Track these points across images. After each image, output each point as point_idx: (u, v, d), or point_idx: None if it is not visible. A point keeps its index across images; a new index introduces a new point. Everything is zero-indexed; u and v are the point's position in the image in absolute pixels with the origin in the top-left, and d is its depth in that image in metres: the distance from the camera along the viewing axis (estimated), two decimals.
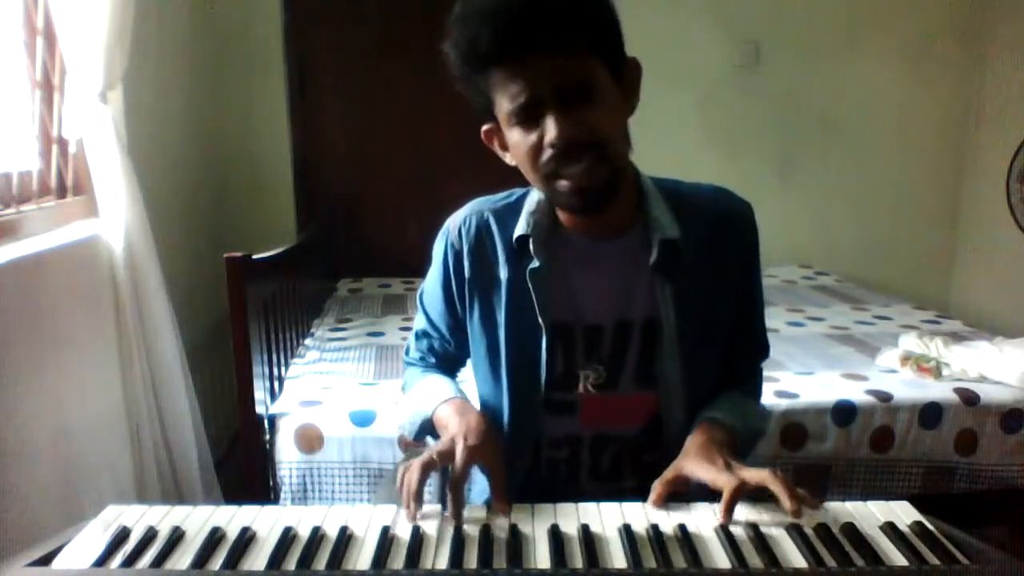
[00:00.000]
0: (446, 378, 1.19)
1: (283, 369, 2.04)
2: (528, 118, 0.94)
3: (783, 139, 3.42)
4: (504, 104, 0.95)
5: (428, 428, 1.11)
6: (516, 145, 0.98)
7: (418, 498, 0.87)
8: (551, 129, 0.92)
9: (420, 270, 3.60)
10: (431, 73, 3.35)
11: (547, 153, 0.94)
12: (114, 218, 1.83)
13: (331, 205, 3.25)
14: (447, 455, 0.93)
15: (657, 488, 0.91)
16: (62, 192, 1.89)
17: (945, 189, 3.54)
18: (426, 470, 0.90)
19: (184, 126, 2.69)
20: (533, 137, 0.95)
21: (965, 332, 2.42)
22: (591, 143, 0.93)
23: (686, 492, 0.92)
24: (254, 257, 1.79)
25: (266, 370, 1.85)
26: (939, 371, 1.97)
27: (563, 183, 0.96)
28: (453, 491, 0.87)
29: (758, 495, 0.89)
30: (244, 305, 1.69)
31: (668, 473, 0.93)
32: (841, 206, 3.48)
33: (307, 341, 2.37)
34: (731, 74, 3.29)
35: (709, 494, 0.90)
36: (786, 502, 0.84)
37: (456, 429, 0.98)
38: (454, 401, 1.08)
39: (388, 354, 2.21)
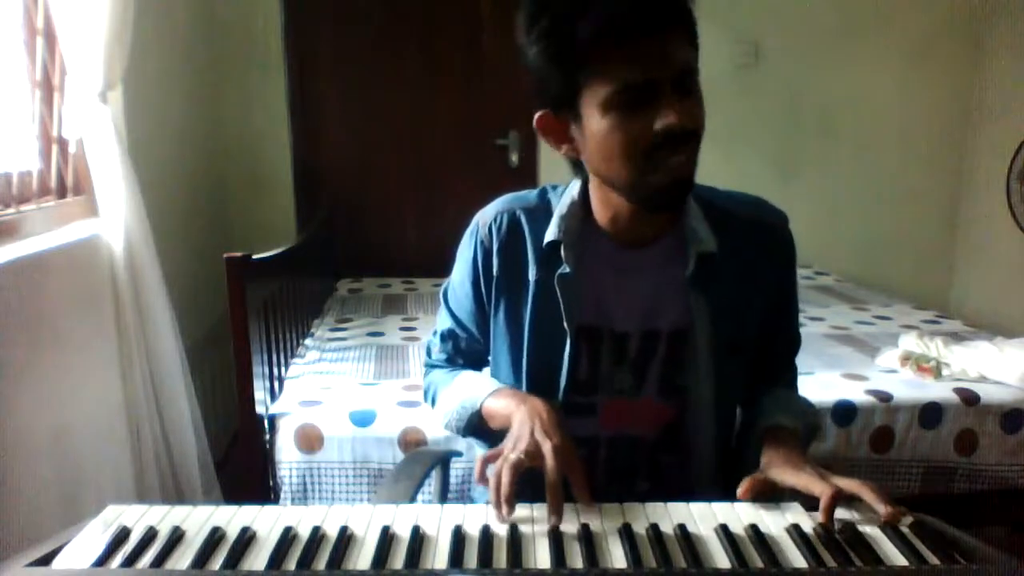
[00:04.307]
0: (483, 374, 1.18)
1: (283, 369, 2.04)
2: (634, 103, 0.89)
3: (783, 139, 3.42)
4: (604, 89, 0.89)
5: (475, 422, 1.09)
6: (607, 133, 0.92)
7: (511, 500, 0.85)
8: (669, 115, 0.88)
9: (420, 270, 3.61)
10: (431, 72, 3.39)
11: (654, 140, 0.90)
12: (114, 218, 1.83)
13: (331, 205, 3.25)
14: (535, 455, 0.90)
15: (747, 482, 0.90)
16: (62, 192, 1.89)
17: (945, 189, 3.54)
18: (517, 471, 0.87)
19: (184, 126, 2.69)
20: (636, 123, 0.90)
21: (965, 332, 2.42)
22: (695, 134, 0.92)
23: (774, 496, 0.92)
24: (254, 257, 1.78)
25: (266, 370, 1.85)
26: (939, 371, 1.97)
27: (658, 176, 0.92)
28: (552, 494, 0.85)
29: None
30: (244, 305, 1.69)
31: (758, 474, 0.92)
32: (841, 206, 3.48)
33: (307, 341, 2.37)
34: (731, 74, 3.29)
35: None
36: (881, 509, 0.84)
37: (527, 419, 0.94)
38: (504, 390, 1.06)
39: (388, 354, 2.21)
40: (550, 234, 1.04)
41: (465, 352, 1.21)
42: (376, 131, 3.32)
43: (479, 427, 1.10)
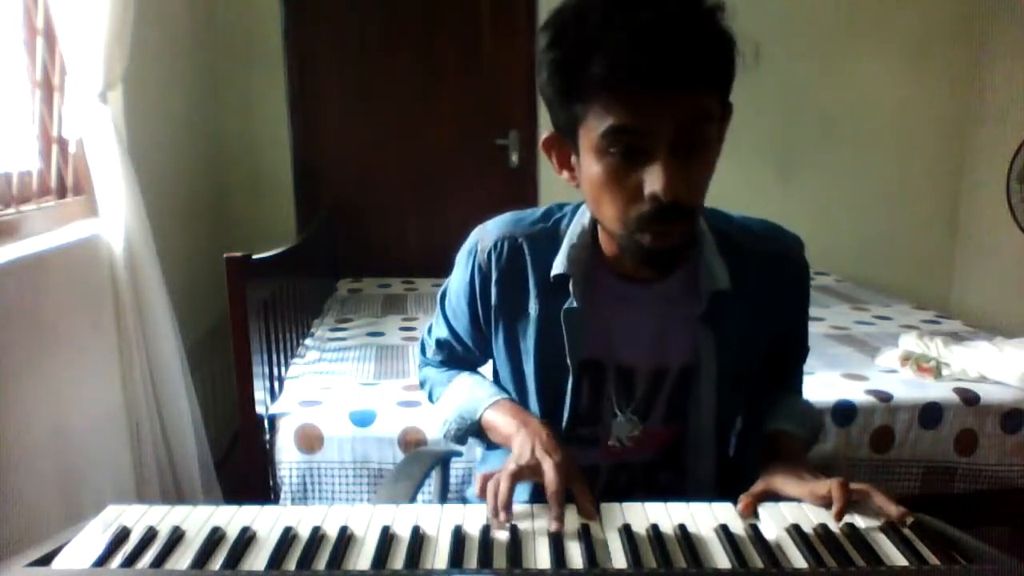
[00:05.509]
0: (479, 376, 1.18)
1: (283, 369, 2.04)
2: (625, 157, 0.84)
3: (783, 139, 3.42)
4: (598, 135, 0.84)
5: (474, 431, 1.10)
6: (595, 177, 0.87)
7: (508, 508, 0.85)
8: (658, 180, 0.82)
9: (420, 270, 3.59)
10: (431, 72, 3.39)
11: (643, 205, 0.85)
12: (114, 218, 1.83)
13: (331, 205, 3.26)
14: (534, 471, 0.90)
15: (746, 499, 0.89)
16: (62, 192, 1.89)
17: (945, 189, 3.55)
18: (515, 480, 0.88)
19: (184, 126, 2.69)
20: (626, 180, 0.85)
21: (965, 332, 2.42)
22: (688, 206, 0.86)
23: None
24: (254, 257, 1.78)
25: (266, 370, 1.85)
26: (939, 371, 1.97)
27: (645, 237, 0.87)
28: (555, 503, 0.85)
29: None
30: (244, 305, 1.69)
31: (757, 487, 0.92)
32: (841, 206, 3.48)
33: (307, 341, 2.37)
34: None
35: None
36: (892, 510, 0.85)
37: (527, 441, 0.95)
38: (503, 404, 1.06)
39: (388, 354, 2.21)
40: (558, 266, 0.99)
41: (460, 359, 1.21)
42: (376, 131, 3.32)
43: (478, 436, 1.11)
